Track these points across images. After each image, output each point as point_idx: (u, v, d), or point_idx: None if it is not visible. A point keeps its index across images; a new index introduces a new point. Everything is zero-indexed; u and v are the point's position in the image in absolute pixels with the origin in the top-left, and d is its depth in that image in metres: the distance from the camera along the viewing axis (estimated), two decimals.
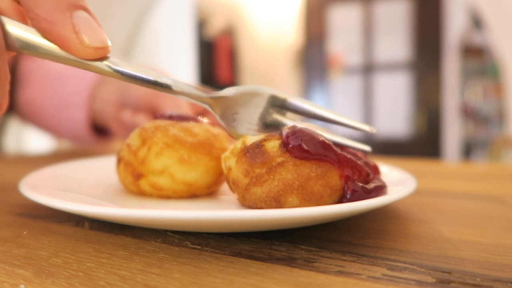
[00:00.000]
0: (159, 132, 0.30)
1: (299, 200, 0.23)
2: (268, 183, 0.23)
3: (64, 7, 0.21)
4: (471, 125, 3.31)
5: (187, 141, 0.29)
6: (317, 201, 0.23)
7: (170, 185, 0.29)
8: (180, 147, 0.29)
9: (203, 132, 0.31)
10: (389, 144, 3.15)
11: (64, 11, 0.21)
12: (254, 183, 0.24)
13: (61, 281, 0.17)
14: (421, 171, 0.49)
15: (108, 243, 0.22)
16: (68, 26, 0.21)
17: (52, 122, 0.64)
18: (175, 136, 0.29)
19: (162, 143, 0.29)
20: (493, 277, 0.18)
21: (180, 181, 0.29)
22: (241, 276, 0.18)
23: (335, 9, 3.30)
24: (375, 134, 0.28)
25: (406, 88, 3.12)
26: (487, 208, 0.31)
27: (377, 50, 3.18)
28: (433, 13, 2.99)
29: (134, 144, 0.30)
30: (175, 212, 0.19)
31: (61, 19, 0.21)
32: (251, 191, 0.24)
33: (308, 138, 0.23)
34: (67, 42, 0.21)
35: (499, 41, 2.16)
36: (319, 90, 3.42)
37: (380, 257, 0.20)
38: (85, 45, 0.21)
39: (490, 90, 3.29)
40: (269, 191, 0.23)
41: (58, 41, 0.21)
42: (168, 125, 0.30)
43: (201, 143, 0.30)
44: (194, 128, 0.31)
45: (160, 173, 0.29)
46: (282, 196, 0.23)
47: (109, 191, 0.32)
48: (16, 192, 0.28)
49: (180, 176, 0.29)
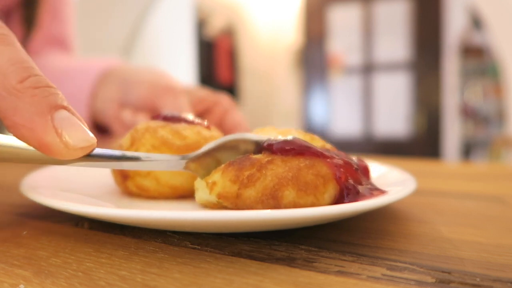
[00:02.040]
0: (148, 134, 0.30)
1: (296, 191, 0.22)
2: (261, 181, 0.23)
3: (45, 111, 0.20)
4: (471, 125, 3.31)
5: (174, 143, 0.29)
6: (313, 192, 0.23)
7: (155, 188, 0.29)
8: (167, 150, 0.29)
9: (193, 135, 0.30)
10: (388, 144, 3.15)
11: (45, 115, 0.20)
12: (246, 185, 0.23)
13: (60, 281, 0.17)
14: (421, 171, 0.49)
15: (108, 243, 0.22)
16: (50, 130, 0.20)
17: None
18: (162, 138, 0.29)
19: (149, 144, 0.29)
20: (493, 277, 0.18)
21: (165, 184, 0.29)
22: (241, 276, 0.18)
23: (335, 9, 3.30)
24: None
25: (406, 88, 3.12)
26: (487, 208, 0.31)
27: (377, 50, 3.18)
28: (433, 13, 2.99)
29: (125, 144, 0.31)
30: (175, 213, 0.19)
31: (42, 124, 0.19)
32: (244, 195, 0.23)
33: (290, 140, 0.25)
34: (50, 146, 0.20)
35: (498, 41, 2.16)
36: (319, 90, 3.43)
37: (380, 257, 0.20)
38: (70, 147, 0.20)
39: (490, 90, 3.29)
40: (264, 189, 0.23)
41: (41, 146, 0.20)
42: (158, 127, 0.30)
43: (188, 146, 0.29)
44: (184, 131, 0.30)
45: (146, 175, 0.29)
46: (279, 191, 0.22)
47: (109, 192, 0.32)
48: (16, 192, 0.28)
49: (165, 179, 0.29)
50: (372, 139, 3.21)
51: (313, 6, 3.37)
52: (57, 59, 0.67)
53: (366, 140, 3.22)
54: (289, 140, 0.25)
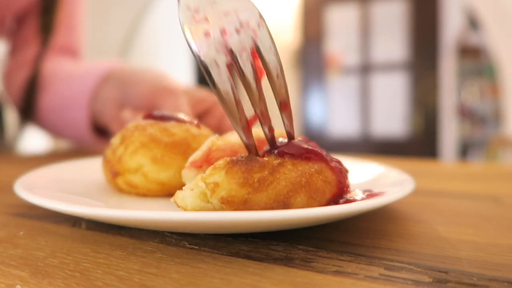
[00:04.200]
0: (137, 132, 0.31)
1: (307, 199, 0.21)
2: (274, 186, 0.21)
3: None
4: (467, 125, 3.32)
5: (162, 140, 0.30)
6: (320, 199, 0.22)
7: (144, 184, 0.30)
8: (155, 147, 0.30)
9: (182, 132, 0.31)
10: (386, 144, 3.16)
11: None
12: (257, 189, 0.21)
13: (57, 281, 0.17)
14: (418, 171, 0.50)
15: (105, 243, 0.22)
16: None
17: (54, 123, 0.64)
18: (151, 135, 0.30)
19: (138, 142, 0.30)
20: (489, 277, 0.18)
21: (153, 180, 0.29)
22: (239, 276, 0.18)
23: (332, 9, 3.30)
24: None
25: (403, 88, 3.13)
26: (483, 208, 0.31)
27: (374, 50, 3.19)
28: (430, 14, 3.00)
29: (115, 143, 0.32)
30: (173, 214, 0.19)
31: None
32: (254, 201, 0.21)
33: (296, 142, 0.24)
34: None
35: (495, 41, 2.17)
36: (317, 90, 3.43)
37: (377, 257, 0.20)
38: None
39: (487, 90, 3.30)
40: (277, 195, 0.21)
41: None
42: (147, 125, 0.31)
43: (176, 143, 0.30)
44: (172, 128, 0.31)
45: (135, 172, 0.30)
46: (292, 197, 0.21)
47: (105, 192, 0.32)
48: (12, 192, 0.28)
49: (153, 175, 0.29)
50: (369, 139, 3.22)
51: (310, 6, 3.37)
52: (61, 64, 0.67)
53: (363, 140, 3.23)
54: (297, 144, 0.24)
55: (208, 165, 0.24)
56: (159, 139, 0.30)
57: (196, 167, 0.25)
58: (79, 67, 0.63)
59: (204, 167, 0.25)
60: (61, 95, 0.61)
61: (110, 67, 0.57)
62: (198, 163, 0.26)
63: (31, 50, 0.69)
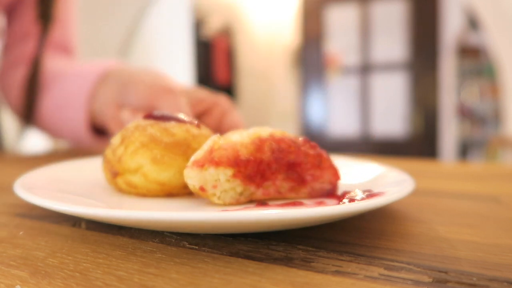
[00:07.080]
0: (137, 132, 0.31)
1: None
2: None
3: None
4: (467, 125, 3.32)
5: (162, 140, 0.30)
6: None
7: (143, 184, 0.30)
8: (155, 147, 0.30)
9: (182, 132, 0.31)
10: (386, 144, 3.16)
11: None
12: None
13: (57, 281, 0.17)
14: (418, 171, 0.50)
15: (105, 243, 0.22)
16: None
17: (51, 122, 0.64)
18: (151, 135, 0.30)
19: (138, 142, 0.30)
20: (489, 277, 0.18)
21: (152, 181, 0.29)
22: (239, 276, 0.18)
23: (332, 9, 3.30)
24: None
25: (403, 88, 3.13)
26: (483, 208, 0.31)
27: (374, 50, 3.19)
28: (430, 14, 3.00)
29: (115, 143, 0.32)
30: (173, 214, 0.19)
31: None
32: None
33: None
34: None
35: (495, 41, 2.17)
36: (316, 90, 3.43)
37: (377, 256, 0.20)
38: None
39: (486, 90, 3.30)
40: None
41: None
42: (147, 125, 0.31)
43: (176, 143, 0.30)
44: (173, 128, 0.31)
45: (135, 172, 0.30)
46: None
47: (105, 192, 0.32)
48: (12, 192, 0.28)
49: (153, 175, 0.29)
50: (369, 138, 3.22)
51: (310, 6, 3.37)
52: (58, 63, 0.67)
53: (363, 139, 3.23)
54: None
55: (210, 164, 0.26)
56: (159, 139, 0.30)
57: (198, 166, 0.26)
58: (76, 66, 0.63)
59: (206, 166, 0.25)
60: (58, 94, 0.60)
61: (108, 66, 0.57)
62: (201, 162, 0.26)
63: (29, 44, 0.67)
